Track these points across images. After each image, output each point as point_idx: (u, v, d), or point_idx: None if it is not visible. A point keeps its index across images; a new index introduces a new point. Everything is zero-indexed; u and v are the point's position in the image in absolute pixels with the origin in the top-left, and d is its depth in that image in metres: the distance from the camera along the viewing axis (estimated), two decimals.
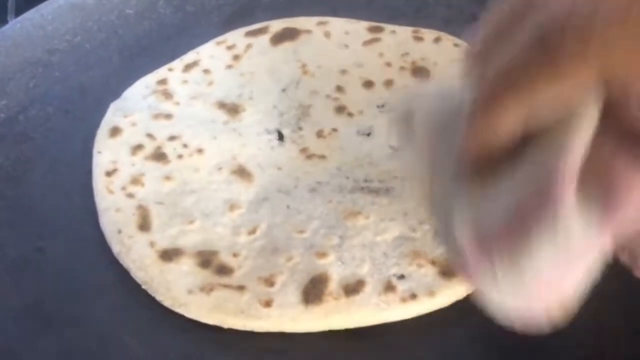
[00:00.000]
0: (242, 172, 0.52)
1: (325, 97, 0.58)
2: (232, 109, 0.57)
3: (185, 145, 0.54)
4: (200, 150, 0.54)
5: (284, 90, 0.59)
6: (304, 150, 0.54)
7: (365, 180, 0.51)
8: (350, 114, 0.56)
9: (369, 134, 0.55)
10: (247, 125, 0.56)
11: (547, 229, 0.27)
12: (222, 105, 0.57)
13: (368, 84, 0.59)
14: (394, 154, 0.52)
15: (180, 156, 0.53)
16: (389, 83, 0.58)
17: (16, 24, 0.67)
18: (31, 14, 0.67)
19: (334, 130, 0.55)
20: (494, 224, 0.29)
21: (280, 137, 0.55)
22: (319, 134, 0.55)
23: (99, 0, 0.69)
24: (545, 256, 0.27)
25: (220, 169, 0.52)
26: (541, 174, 0.28)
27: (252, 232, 0.48)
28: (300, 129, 0.55)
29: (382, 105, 0.57)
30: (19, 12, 0.73)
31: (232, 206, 0.50)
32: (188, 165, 0.53)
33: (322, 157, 0.53)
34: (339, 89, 0.58)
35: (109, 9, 0.68)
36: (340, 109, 0.57)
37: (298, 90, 0.58)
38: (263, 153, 0.54)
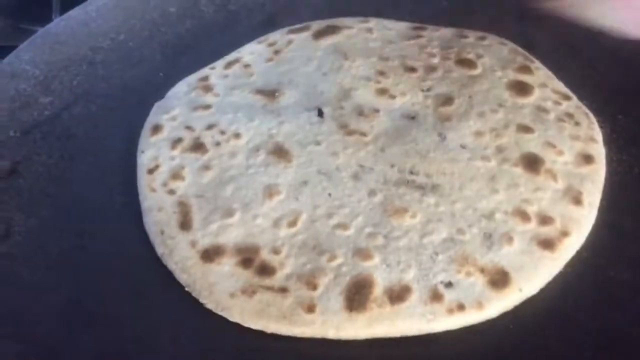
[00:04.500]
0: (280, 152, 0.51)
1: (366, 80, 0.57)
2: (271, 93, 0.56)
3: (222, 132, 0.53)
4: (237, 135, 0.53)
5: (324, 74, 0.58)
6: (344, 126, 0.53)
7: (412, 173, 0.49)
8: (392, 96, 0.55)
9: (413, 117, 0.53)
10: (285, 106, 0.55)
11: None
12: (260, 91, 0.57)
13: (411, 69, 0.57)
14: (442, 138, 0.51)
15: (217, 143, 0.53)
16: (432, 69, 0.57)
17: (60, 22, 0.67)
18: (75, 12, 0.68)
19: (376, 110, 0.54)
20: None
21: (320, 113, 0.54)
22: (361, 113, 0.54)
23: None
24: None
25: (257, 150, 0.52)
26: None
27: (293, 224, 0.47)
28: (341, 107, 0.54)
29: (428, 90, 0.55)
30: (64, 9, 0.74)
31: (272, 192, 0.49)
32: (226, 152, 0.52)
33: (364, 134, 0.52)
34: (381, 73, 0.57)
35: (152, 7, 0.69)
36: (382, 91, 0.56)
37: (339, 74, 0.58)
38: (302, 130, 0.53)
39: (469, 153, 0.50)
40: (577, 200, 0.47)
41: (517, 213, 0.46)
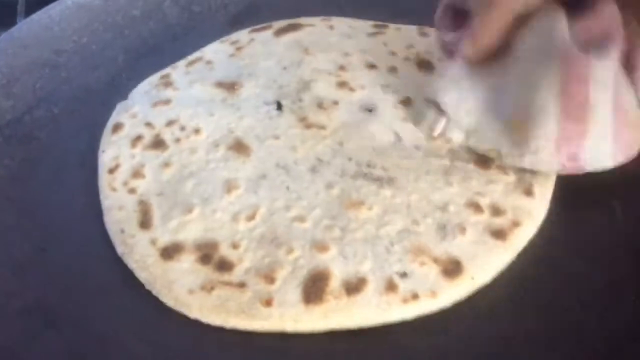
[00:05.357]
0: (239, 146, 0.52)
1: (327, 74, 0.57)
2: (230, 86, 0.57)
3: (182, 128, 0.54)
4: (197, 130, 0.54)
5: (284, 68, 0.59)
6: (303, 119, 0.53)
7: (368, 166, 0.50)
8: (352, 89, 0.56)
9: (371, 110, 0.54)
10: (245, 99, 0.56)
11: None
12: (220, 84, 0.57)
13: (371, 66, 0.58)
14: (397, 139, 0.52)
15: (177, 140, 0.53)
16: (392, 69, 0.58)
17: (23, 25, 0.67)
18: (39, 15, 0.68)
19: (335, 103, 0.55)
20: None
21: (279, 107, 0.55)
22: (320, 106, 0.54)
23: (105, 1, 0.69)
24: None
25: (217, 145, 0.52)
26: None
27: (252, 217, 0.47)
28: (300, 100, 0.55)
29: (387, 86, 0.56)
30: (28, 14, 0.74)
31: (230, 187, 0.49)
32: (186, 148, 0.52)
33: (322, 127, 0.53)
34: (342, 67, 0.58)
35: (115, 9, 0.69)
36: (342, 84, 0.56)
37: (299, 68, 0.58)
38: (261, 124, 0.53)
39: (422, 152, 0.51)
40: (529, 192, 0.48)
41: (470, 205, 0.47)
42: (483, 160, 0.50)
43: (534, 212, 0.47)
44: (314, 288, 0.43)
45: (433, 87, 0.52)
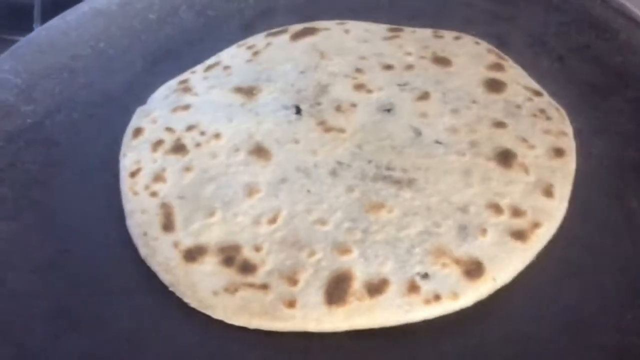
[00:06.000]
0: (259, 151, 0.52)
1: (343, 77, 0.58)
2: (249, 91, 0.57)
3: (202, 133, 0.54)
4: (217, 135, 0.54)
5: (302, 72, 0.59)
6: (322, 123, 0.54)
7: (388, 168, 0.50)
8: (369, 91, 0.56)
9: (389, 110, 0.54)
10: (263, 104, 0.56)
11: None
12: (239, 89, 0.58)
13: (388, 67, 0.59)
14: (417, 134, 0.52)
15: (198, 144, 0.54)
16: (409, 67, 0.58)
17: (41, 32, 0.68)
18: (56, 21, 0.68)
19: (353, 105, 0.55)
20: None
21: (298, 111, 0.55)
22: (338, 109, 0.55)
23: (122, 6, 0.70)
24: None
25: (237, 150, 0.53)
26: None
27: (273, 220, 0.48)
28: (318, 104, 0.55)
29: (404, 84, 0.57)
30: (44, 19, 0.74)
31: (251, 190, 0.50)
32: (206, 152, 0.53)
33: (341, 130, 0.53)
34: (358, 70, 0.59)
35: (132, 14, 0.69)
36: (359, 87, 0.57)
37: (316, 72, 0.59)
38: (280, 128, 0.54)
39: (443, 148, 0.51)
40: (548, 193, 0.48)
41: (490, 206, 0.48)
42: (504, 157, 0.50)
43: (553, 212, 0.47)
44: (337, 289, 0.44)
45: None
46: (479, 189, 0.49)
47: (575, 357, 0.41)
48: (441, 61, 0.59)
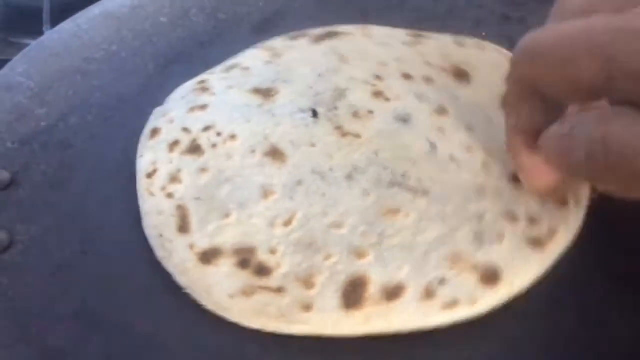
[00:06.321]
0: (274, 153, 0.52)
1: (362, 83, 0.58)
2: (266, 93, 0.57)
3: (219, 134, 0.54)
4: (233, 136, 0.54)
5: (320, 75, 0.59)
6: (338, 128, 0.54)
7: (403, 176, 0.50)
8: (387, 99, 0.56)
9: (405, 121, 0.55)
10: (280, 106, 0.56)
11: None
12: (257, 90, 0.58)
13: (407, 76, 0.58)
14: (432, 147, 0.52)
15: (214, 145, 0.54)
16: (428, 80, 0.58)
17: (53, 35, 0.68)
18: (67, 24, 0.69)
19: (370, 112, 0.55)
20: None
21: (315, 114, 0.55)
22: (355, 115, 0.55)
23: (133, 9, 0.70)
24: None
25: (253, 151, 0.53)
26: None
27: (289, 223, 0.48)
28: (335, 108, 0.55)
29: (422, 95, 0.56)
30: (54, 23, 0.75)
31: (267, 192, 0.50)
32: (222, 153, 0.53)
33: (357, 136, 0.53)
34: (377, 77, 0.58)
35: (143, 17, 0.70)
36: (377, 94, 0.57)
37: (336, 76, 0.59)
38: (296, 131, 0.54)
39: (456, 165, 0.51)
40: (564, 201, 0.48)
41: (506, 214, 0.47)
42: (518, 177, 0.50)
43: (570, 220, 0.47)
44: (353, 293, 0.44)
45: None
46: (494, 201, 0.48)
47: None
48: (460, 75, 0.59)
